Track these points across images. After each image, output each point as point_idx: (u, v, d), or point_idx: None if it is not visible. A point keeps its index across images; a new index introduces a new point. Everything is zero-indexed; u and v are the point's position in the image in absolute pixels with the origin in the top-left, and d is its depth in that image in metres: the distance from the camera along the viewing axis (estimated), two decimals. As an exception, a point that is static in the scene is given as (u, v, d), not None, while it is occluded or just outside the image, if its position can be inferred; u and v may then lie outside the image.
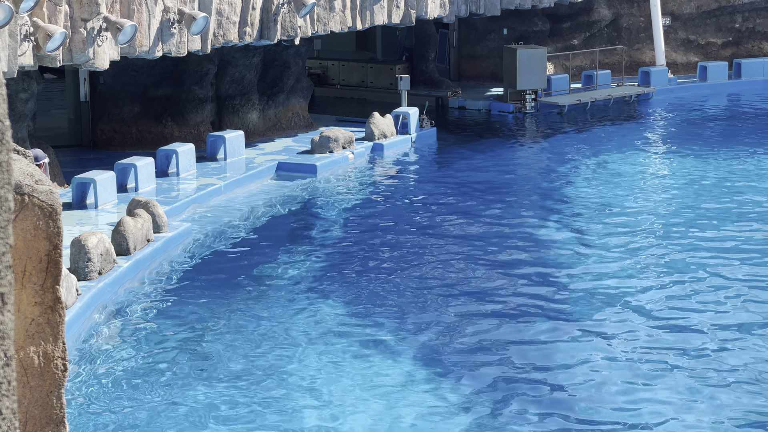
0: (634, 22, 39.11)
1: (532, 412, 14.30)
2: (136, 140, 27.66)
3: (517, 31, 37.32)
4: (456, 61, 38.28)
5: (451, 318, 17.51)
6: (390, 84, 35.11)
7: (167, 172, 24.96)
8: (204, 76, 28.12)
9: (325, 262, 20.32)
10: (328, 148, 27.45)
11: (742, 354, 16.02)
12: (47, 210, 5.57)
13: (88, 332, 16.77)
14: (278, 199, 24.51)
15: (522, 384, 15.14)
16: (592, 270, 19.76)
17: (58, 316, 5.65)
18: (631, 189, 25.46)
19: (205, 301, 18.24)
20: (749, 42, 40.20)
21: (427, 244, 21.53)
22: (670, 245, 21.05)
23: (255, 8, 25.36)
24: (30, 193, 5.52)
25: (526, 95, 33.99)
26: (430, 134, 30.67)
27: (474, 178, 26.72)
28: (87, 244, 17.81)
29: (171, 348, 16.34)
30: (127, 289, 18.50)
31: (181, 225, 21.42)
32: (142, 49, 22.70)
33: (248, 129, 28.59)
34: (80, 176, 22.46)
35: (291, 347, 16.32)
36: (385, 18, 28.96)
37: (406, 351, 16.21)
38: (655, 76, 37.03)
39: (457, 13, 32.46)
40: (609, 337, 16.72)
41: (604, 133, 31.82)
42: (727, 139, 31.06)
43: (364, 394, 14.79)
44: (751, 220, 22.75)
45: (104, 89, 27.75)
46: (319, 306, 18.05)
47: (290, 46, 28.88)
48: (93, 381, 15.15)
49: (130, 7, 22.34)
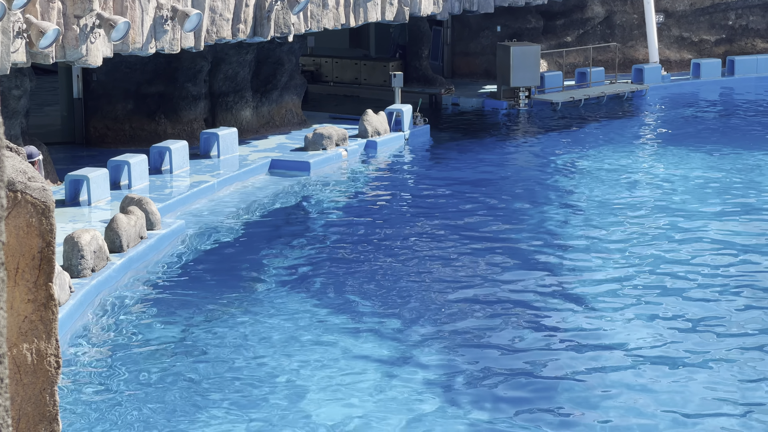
0: (628, 19, 39.14)
1: (535, 415, 14.31)
2: (129, 137, 27.63)
3: (511, 28, 37.33)
4: (449, 59, 38.28)
5: (445, 315, 17.50)
6: (383, 81, 35.10)
7: (160, 169, 24.94)
8: (197, 74, 28.09)
9: (319, 259, 20.31)
10: (322, 146, 27.44)
11: (744, 354, 16.04)
12: (40, 207, 5.56)
13: (82, 329, 16.75)
14: (271, 197, 24.49)
15: (523, 387, 15.14)
16: (588, 265, 19.75)
17: (51, 313, 5.64)
18: (624, 185, 25.45)
19: (199, 299, 18.22)
20: (742, 39, 40.25)
21: (420, 241, 21.52)
22: (665, 240, 21.06)
23: (248, 5, 25.34)
24: (23, 190, 5.51)
25: (519, 92, 34.00)
26: (423, 131, 30.67)
27: (467, 175, 26.72)
28: (80, 241, 17.79)
29: (164, 346, 16.32)
30: (120, 286, 18.47)
31: (174, 222, 21.40)
32: (135, 46, 22.67)
33: (242, 126, 28.58)
34: (73, 173, 22.43)
35: (286, 345, 16.31)
36: (378, 15, 28.94)
37: (401, 349, 16.21)
38: (648, 74, 37.06)
39: (451, 10, 32.45)
40: (606, 339, 16.73)
41: (598, 130, 31.84)
42: (721, 135, 31.09)
43: (358, 394, 14.79)
44: (745, 214, 22.77)
45: (97, 86, 27.71)
46: (314, 304, 18.04)
47: (284, 43, 28.86)
48: (86, 378, 15.13)
49: (123, 4, 22.31)
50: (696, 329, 16.82)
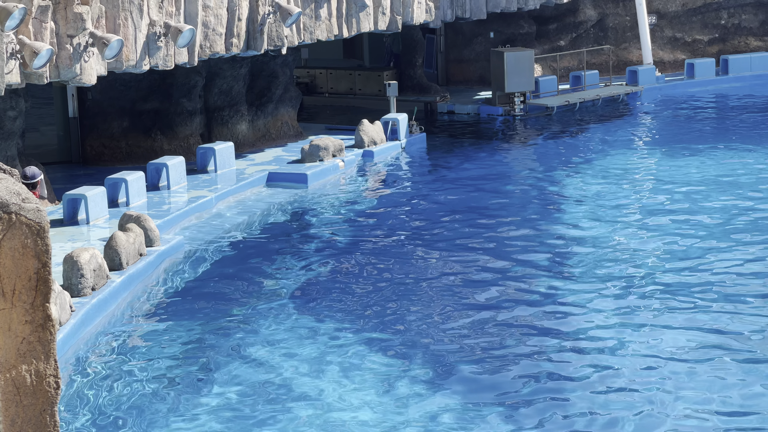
0: (620, 21, 39.17)
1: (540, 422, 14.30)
2: (125, 155, 27.63)
3: (504, 34, 37.36)
4: (443, 66, 38.31)
5: (447, 324, 17.49)
6: (378, 91, 35.13)
7: (158, 185, 24.94)
8: (192, 89, 28.10)
9: (319, 272, 20.30)
10: (318, 157, 27.45)
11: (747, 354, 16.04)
12: (35, 228, 5.56)
13: (83, 349, 16.73)
14: (270, 210, 24.49)
15: (527, 393, 15.13)
16: (587, 269, 19.75)
17: (49, 334, 5.63)
18: (623, 187, 25.47)
19: (200, 314, 18.21)
20: (735, 38, 40.28)
21: (420, 250, 21.52)
22: (663, 241, 21.06)
23: (241, 19, 25.37)
24: (17, 211, 5.51)
25: (514, 98, 34.02)
26: (419, 140, 30.68)
27: (465, 182, 26.72)
28: (79, 260, 17.78)
29: (167, 363, 16.30)
30: (121, 305, 18.46)
31: (173, 238, 21.40)
32: (129, 64, 22.68)
33: (238, 140, 28.59)
34: (71, 192, 22.42)
35: (289, 359, 16.29)
36: (371, 25, 28.97)
37: (401, 359, 16.20)
38: (642, 75, 37.09)
39: (443, 17, 32.48)
40: (603, 339, 16.72)
41: (594, 133, 31.85)
42: (717, 135, 31.11)
43: (362, 407, 14.78)
44: (744, 214, 22.78)
45: (92, 105, 27.72)
46: (316, 317, 18.02)
47: (277, 55, 28.87)
48: (88, 398, 15.11)
49: (116, 22, 22.33)
50: (695, 329, 16.81)
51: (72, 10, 21.06)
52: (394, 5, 29.50)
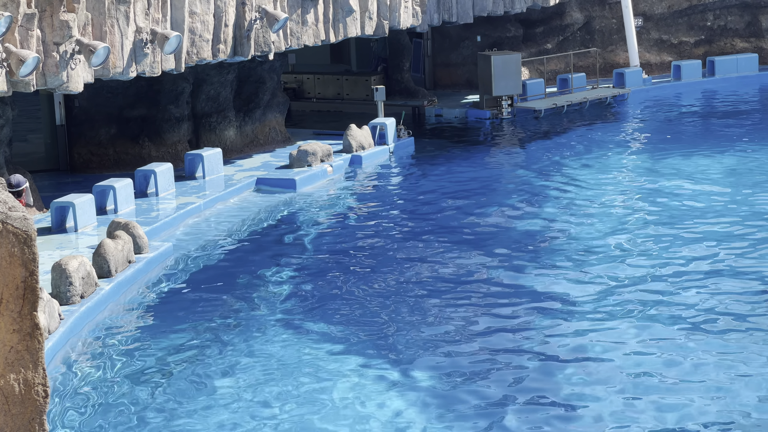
0: (607, 24, 39.25)
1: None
2: (113, 162, 27.59)
3: (491, 37, 37.41)
4: (431, 70, 38.34)
5: (437, 328, 17.50)
6: (366, 95, 35.14)
7: (146, 192, 24.91)
8: (179, 95, 28.08)
9: (310, 278, 20.28)
10: (307, 162, 27.44)
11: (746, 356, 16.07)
12: (22, 236, 5.55)
13: (72, 357, 16.69)
14: (258, 216, 24.47)
15: (523, 402, 15.14)
16: (576, 270, 19.77)
17: (37, 342, 5.62)
18: (612, 188, 25.51)
19: (189, 321, 18.19)
20: (721, 39, 40.39)
21: (409, 254, 21.52)
22: (653, 243, 21.10)
23: (227, 25, 25.35)
24: (4, 220, 5.50)
25: (502, 101, 34.06)
26: (407, 144, 30.71)
27: (454, 186, 26.74)
28: (68, 268, 17.75)
29: (156, 371, 16.27)
30: (110, 312, 18.43)
31: (162, 245, 21.36)
32: (116, 71, 22.65)
33: (226, 146, 28.57)
34: (59, 200, 22.38)
35: (279, 366, 16.28)
36: (358, 30, 28.98)
37: (396, 367, 16.19)
38: (629, 77, 37.18)
39: (430, 22, 32.51)
40: (599, 341, 16.74)
41: (582, 136, 31.91)
42: (704, 136, 31.19)
43: (353, 415, 14.77)
44: (734, 214, 22.84)
45: (80, 112, 27.68)
46: (305, 324, 18.01)
47: (264, 61, 28.87)
48: (77, 406, 15.07)
49: (102, 29, 22.30)
50: (694, 331, 16.84)
51: (58, 18, 21.02)
52: (380, 10, 29.52)
